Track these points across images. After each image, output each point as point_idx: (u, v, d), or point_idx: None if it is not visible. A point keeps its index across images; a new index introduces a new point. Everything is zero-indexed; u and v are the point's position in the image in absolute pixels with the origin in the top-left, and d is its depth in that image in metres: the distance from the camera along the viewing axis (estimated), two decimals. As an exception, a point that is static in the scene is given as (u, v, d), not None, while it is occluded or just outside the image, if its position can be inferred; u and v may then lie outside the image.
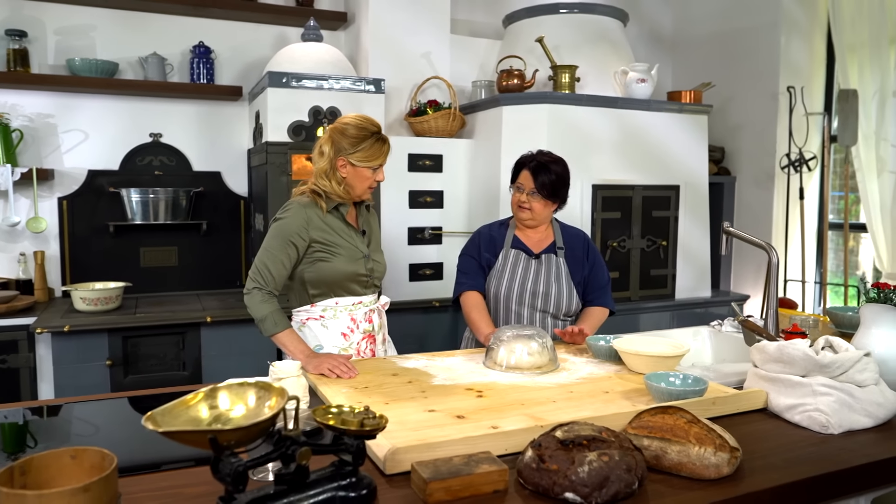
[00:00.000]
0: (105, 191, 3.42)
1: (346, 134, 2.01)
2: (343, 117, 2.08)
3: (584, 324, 2.23)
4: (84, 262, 3.43)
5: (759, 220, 4.13)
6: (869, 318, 1.74)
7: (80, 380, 2.87)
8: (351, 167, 2.03)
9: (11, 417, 1.69)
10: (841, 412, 1.48)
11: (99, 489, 0.96)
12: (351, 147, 2.00)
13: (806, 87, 3.97)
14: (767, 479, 1.23)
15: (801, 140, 3.95)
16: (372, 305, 2.17)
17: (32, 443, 1.56)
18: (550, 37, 3.52)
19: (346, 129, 2.02)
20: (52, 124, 3.36)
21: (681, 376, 1.63)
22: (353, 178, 2.04)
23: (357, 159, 2.01)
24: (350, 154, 2.01)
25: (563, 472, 1.12)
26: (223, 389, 1.02)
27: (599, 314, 2.34)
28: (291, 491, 1.05)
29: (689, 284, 3.75)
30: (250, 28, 3.68)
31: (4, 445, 1.54)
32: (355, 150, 2.00)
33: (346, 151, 2.01)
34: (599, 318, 2.34)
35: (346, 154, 2.01)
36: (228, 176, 3.70)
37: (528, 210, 2.27)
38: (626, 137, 3.51)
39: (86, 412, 1.76)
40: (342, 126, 2.04)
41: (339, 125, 2.05)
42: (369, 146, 2.01)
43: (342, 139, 2.02)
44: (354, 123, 2.03)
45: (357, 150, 2.00)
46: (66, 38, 3.35)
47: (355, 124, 2.03)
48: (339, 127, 2.04)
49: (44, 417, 1.71)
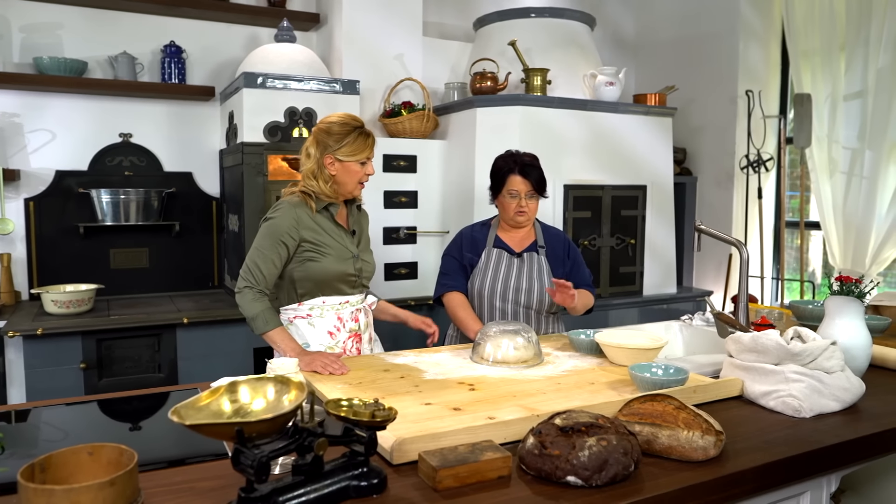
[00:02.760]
0: (74, 192, 3.36)
1: (330, 132, 2.05)
2: (325, 117, 2.12)
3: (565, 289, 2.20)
4: (52, 265, 3.36)
5: (720, 219, 4.29)
6: (833, 309, 1.85)
7: (53, 384, 2.82)
8: (339, 163, 2.06)
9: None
10: (812, 397, 1.58)
11: (123, 483, 0.99)
12: (336, 143, 2.04)
13: (763, 91, 4.15)
14: (750, 460, 1.31)
15: (759, 142, 4.13)
16: (359, 305, 2.20)
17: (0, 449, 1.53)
18: (521, 40, 3.60)
19: (329, 128, 2.06)
20: (17, 124, 3.28)
21: (663, 367, 1.71)
22: (343, 174, 2.07)
23: (343, 154, 2.04)
24: (336, 150, 2.04)
25: (565, 456, 1.18)
26: (243, 384, 1.06)
27: (587, 295, 2.39)
28: (308, 481, 1.09)
29: (655, 281, 3.87)
30: (222, 28, 3.66)
31: None
32: (340, 146, 2.04)
33: (331, 148, 2.04)
34: (587, 297, 2.38)
35: (333, 151, 2.04)
36: (200, 177, 3.67)
37: (526, 213, 2.34)
38: (596, 139, 3.62)
39: (61, 416, 1.74)
40: (326, 125, 2.07)
41: (323, 125, 2.08)
42: (353, 140, 2.05)
43: (327, 137, 2.05)
44: (337, 121, 2.07)
45: (342, 146, 2.04)
46: (32, 35, 3.28)
47: (338, 121, 2.07)
48: (323, 126, 2.07)
49: (12, 423, 1.68)
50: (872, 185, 3.54)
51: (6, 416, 1.71)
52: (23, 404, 1.82)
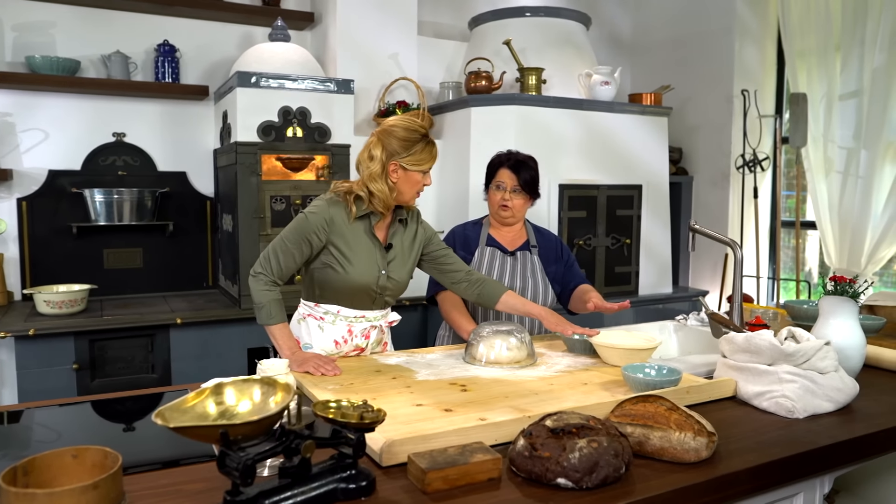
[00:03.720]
0: (67, 191, 3.34)
1: (396, 136, 1.96)
2: (390, 120, 2.02)
3: (595, 297, 2.26)
4: (45, 265, 3.35)
5: (716, 219, 4.29)
6: (827, 309, 1.85)
7: (46, 384, 2.81)
8: (402, 171, 1.97)
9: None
10: (805, 398, 1.57)
11: (107, 486, 0.98)
12: (404, 151, 1.95)
13: (759, 91, 4.14)
14: (742, 461, 1.30)
15: (754, 141, 4.12)
16: (375, 322, 2.12)
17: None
18: (516, 39, 3.59)
19: (397, 133, 1.96)
20: (10, 123, 3.26)
21: (656, 367, 1.70)
22: (404, 182, 1.98)
23: (409, 163, 1.96)
24: (403, 157, 1.95)
25: (555, 458, 1.17)
26: (229, 385, 1.04)
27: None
28: (295, 484, 1.08)
29: (651, 281, 3.87)
30: (216, 27, 3.65)
31: None
32: (409, 154, 1.95)
33: (399, 155, 1.95)
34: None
35: (399, 158, 1.95)
36: (194, 176, 3.66)
37: (509, 208, 2.33)
38: (591, 138, 3.61)
39: (53, 417, 1.73)
40: (390, 128, 1.98)
41: (388, 129, 1.98)
42: (421, 149, 1.97)
43: (395, 143, 1.96)
44: (403, 126, 1.98)
45: (411, 154, 1.95)
46: (25, 34, 3.26)
47: (404, 126, 1.98)
48: (388, 129, 1.98)
49: (4, 423, 1.67)
50: (868, 184, 3.53)
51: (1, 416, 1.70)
52: (14, 405, 1.80)
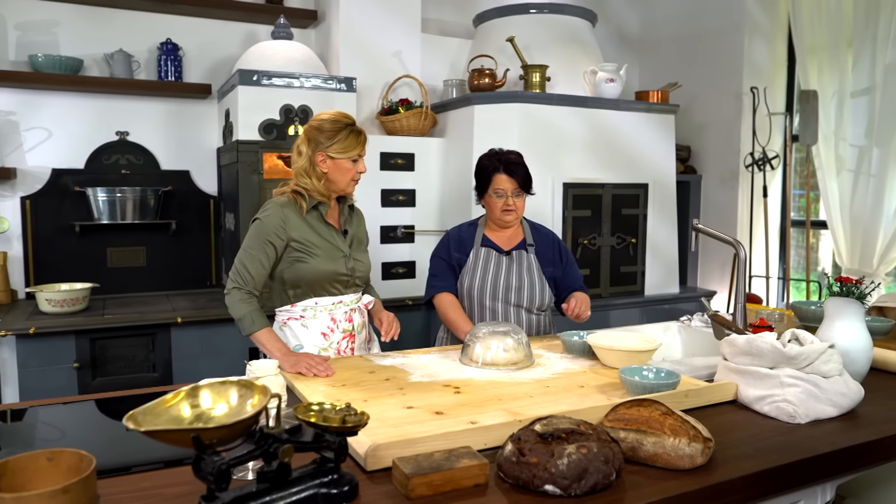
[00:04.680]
0: (70, 190, 3.34)
1: (321, 129, 2.03)
2: (317, 115, 2.10)
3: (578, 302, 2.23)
4: (48, 263, 3.35)
5: (725, 218, 4.22)
6: (832, 311, 1.80)
7: (47, 383, 2.81)
8: (330, 160, 2.04)
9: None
10: (807, 402, 1.52)
11: (78, 491, 0.95)
12: (327, 140, 2.02)
13: (768, 88, 4.07)
14: (739, 468, 1.26)
15: (764, 139, 4.05)
16: (353, 305, 2.17)
17: None
18: (521, 37, 3.55)
19: (321, 125, 2.04)
20: (13, 122, 3.27)
21: (654, 370, 1.66)
22: (334, 171, 2.05)
23: (335, 151, 2.02)
24: (327, 147, 2.02)
25: (543, 464, 1.14)
26: (205, 388, 1.02)
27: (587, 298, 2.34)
28: (274, 489, 1.05)
29: (657, 281, 3.82)
30: (219, 25, 3.63)
31: None
32: (332, 143, 2.01)
33: (323, 146, 2.02)
34: (588, 299, 2.34)
35: (324, 148, 2.02)
36: (197, 175, 3.65)
37: (513, 211, 2.29)
38: (596, 136, 3.56)
39: (54, 415, 1.72)
40: (317, 123, 2.05)
41: (314, 122, 2.06)
42: (345, 137, 2.02)
43: (318, 135, 2.03)
44: (329, 118, 2.05)
45: (333, 143, 2.01)
46: (28, 33, 3.27)
47: (329, 118, 2.05)
48: (314, 124, 2.05)
49: (7, 422, 1.67)
50: (880, 183, 3.46)
51: (2, 415, 1.70)
52: (13, 404, 1.79)
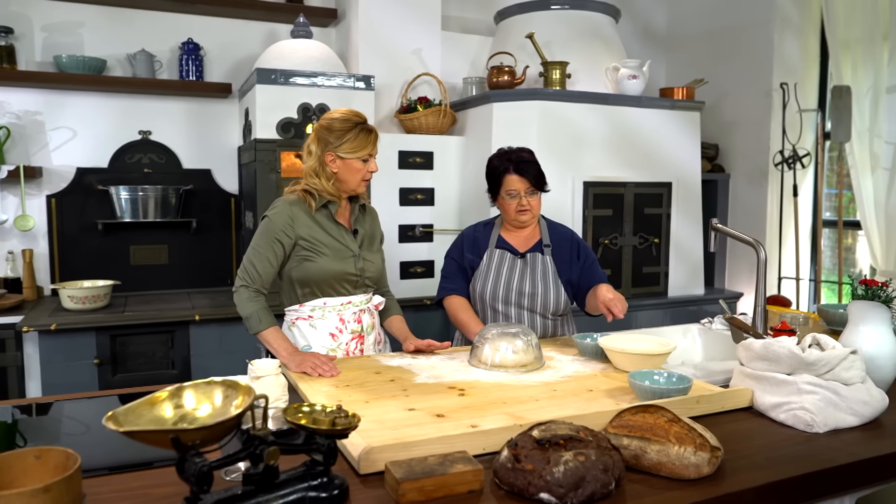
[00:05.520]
0: (94, 189, 3.40)
1: (331, 129, 2.00)
2: (327, 113, 2.07)
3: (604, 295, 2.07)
4: (73, 261, 3.40)
5: (754, 218, 4.11)
6: (857, 315, 1.72)
7: (68, 378, 2.85)
8: (340, 160, 2.01)
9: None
10: (826, 411, 1.46)
11: (60, 490, 0.94)
12: (337, 140, 1.99)
13: (799, 84, 3.95)
14: (749, 479, 1.21)
15: (794, 137, 3.93)
16: (362, 305, 2.14)
17: (22, 441, 1.52)
18: (542, 33, 3.50)
19: (331, 124, 2.01)
20: (39, 122, 3.33)
21: (665, 374, 1.61)
22: (344, 171, 2.02)
23: (345, 151, 1.99)
24: (337, 147, 1.99)
25: (539, 472, 1.10)
26: (189, 388, 1.00)
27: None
28: (260, 491, 1.03)
29: (681, 282, 3.73)
30: (240, 24, 3.65)
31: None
32: (341, 143, 1.98)
33: (332, 145, 1.99)
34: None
35: (334, 148, 1.99)
36: (219, 174, 3.67)
37: (528, 211, 2.24)
38: (618, 134, 3.49)
39: (74, 410, 1.73)
40: (327, 122, 2.02)
41: (324, 121, 2.03)
42: (355, 136, 1.99)
43: (328, 134, 2.00)
44: (339, 117, 2.02)
45: (343, 142, 1.98)
46: (53, 34, 3.32)
47: (339, 118, 2.01)
48: (324, 123, 2.02)
49: (33, 416, 1.69)
50: (916, 182, 3.33)
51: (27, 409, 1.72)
52: (33, 399, 1.82)
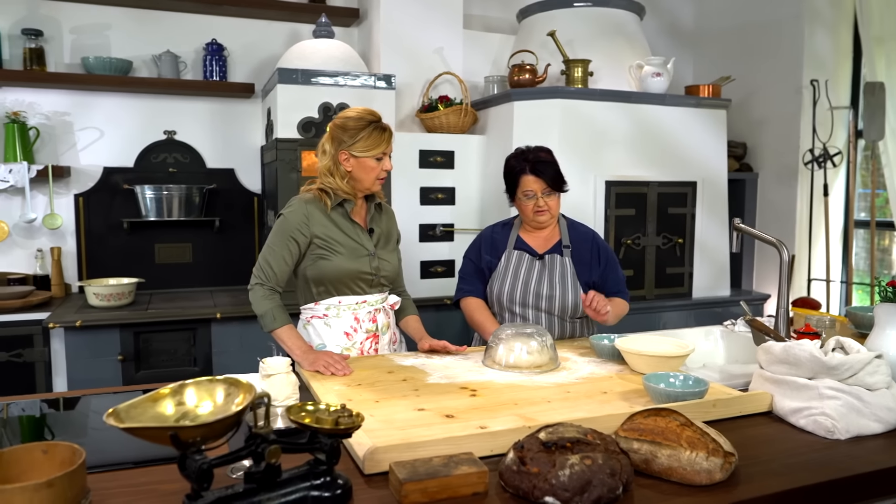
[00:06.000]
0: (120, 188, 3.45)
1: (345, 127, 2.00)
2: (341, 112, 2.07)
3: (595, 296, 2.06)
4: (100, 259, 3.47)
5: (782, 218, 4.01)
6: (883, 318, 1.66)
7: (93, 374, 2.90)
8: (354, 159, 2.00)
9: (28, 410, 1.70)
10: (848, 417, 1.41)
11: (63, 485, 0.95)
12: (350, 139, 1.98)
13: (831, 81, 3.85)
14: (763, 486, 1.17)
15: (825, 135, 3.83)
16: (378, 305, 2.13)
17: (50, 435, 1.55)
18: (564, 31, 3.47)
19: (345, 123, 2.00)
20: (68, 122, 3.40)
21: (681, 377, 1.57)
22: (359, 170, 2.02)
23: (358, 150, 1.99)
24: (351, 146, 1.98)
25: (544, 475, 1.08)
26: (191, 386, 1.01)
27: (622, 304, 2.25)
28: (261, 489, 1.03)
29: (706, 283, 3.66)
30: (263, 25, 3.68)
31: (23, 436, 1.55)
32: (355, 141, 1.98)
33: (346, 144, 1.99)
34: (622, 307, 2.25)
35: (348, 146, 1.99)
36: (242, 173, 3.71)
37: (546, 211, 2.21)
38: (641, 133, 3.44)
39: (97, 405, 1.74)
40: (341, 121, 2.02)
41: (338, 120, 2.03)
42: (368, 135, 1.98)
43: (342, 133, 2.00)
44: (352, 116, 2.02)
45: (357, 141, 1.98)
46: (81, 36, 3.39)
47: (353, 116, 2.01)
48: (338, 122, 2.03)
49: (60, 410, 1.72)
50: (953, 181, 3.22)
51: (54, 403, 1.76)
52: (59, 393, 1.85)
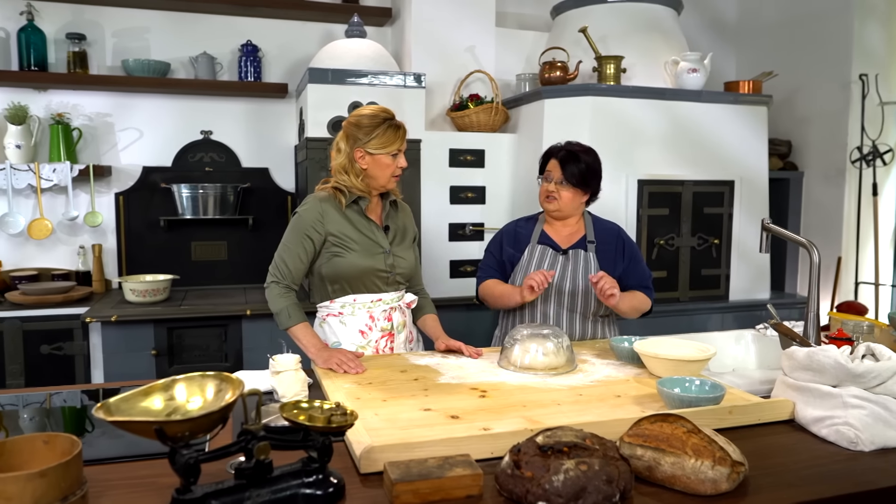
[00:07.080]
0: (158, 186, 3.54)
1: (359, 125, 2.00)
2: (356, 110, 2.07)
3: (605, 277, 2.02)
4: (139, 256, 3.56)
5: (829, 218, 3.86)
6: (919, 324, 1.57)
7: (128, 368, 2.99)
8: (369, 157, 2.01)
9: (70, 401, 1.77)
10: (874, 427, 1.33)
11: (57, 475, 0.97)
12: (365, 136, 1.99)
13: (881, 75, 3.68)
14: (773, 499, 1.12)
15: (874, 132, 3.66)
16: (393, 303, 2.13)
17: (90, 426, 1.59)
18: (599, 27, 3.40)
19: (359, 121, 2.01)
20: (109, 123, 3.51)
21: (697, 382, 1.52)
22: (374, 167, 2.02)
23: (373, 147, 1.99)
24: (366, 143, 1.99)
25: (538, 479, 1.06)
26: (182, 381, 1.02)
27: (641, 298, 2.20)
28: (251, 485, 1.03)
29: (744, 285, 3.54)
30: (297, 26, 3.73)
31: (66, 426, 1.60)
32: (370, 139, 1.98)
33: (361, 141, 2.00)
34: (641, 300, 2.20)
35: (362, 144, 1.99)
36: (276, 172, 3.76)
37: (555, 200, 2.19)
38: (676, 130, 3.35)
39: None
40: (355, 118, 2.03)
41: (352, 118, 2.04)
42: (383, 132, 1.99)
43: (356, 131, 2.01)
44: (367, 113, 2.02)
45: (372, 138, 1.98)
46: (123, 39, 3.49)
47: (368, 114, 2.02)
48: (353, 120, 2.03)
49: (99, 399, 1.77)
50: None
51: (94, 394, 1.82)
52: (96, 384, 1.91)
